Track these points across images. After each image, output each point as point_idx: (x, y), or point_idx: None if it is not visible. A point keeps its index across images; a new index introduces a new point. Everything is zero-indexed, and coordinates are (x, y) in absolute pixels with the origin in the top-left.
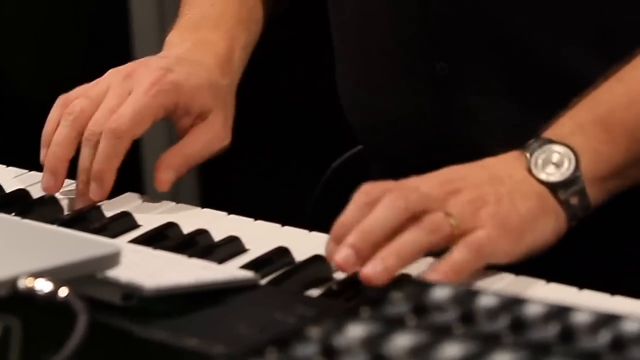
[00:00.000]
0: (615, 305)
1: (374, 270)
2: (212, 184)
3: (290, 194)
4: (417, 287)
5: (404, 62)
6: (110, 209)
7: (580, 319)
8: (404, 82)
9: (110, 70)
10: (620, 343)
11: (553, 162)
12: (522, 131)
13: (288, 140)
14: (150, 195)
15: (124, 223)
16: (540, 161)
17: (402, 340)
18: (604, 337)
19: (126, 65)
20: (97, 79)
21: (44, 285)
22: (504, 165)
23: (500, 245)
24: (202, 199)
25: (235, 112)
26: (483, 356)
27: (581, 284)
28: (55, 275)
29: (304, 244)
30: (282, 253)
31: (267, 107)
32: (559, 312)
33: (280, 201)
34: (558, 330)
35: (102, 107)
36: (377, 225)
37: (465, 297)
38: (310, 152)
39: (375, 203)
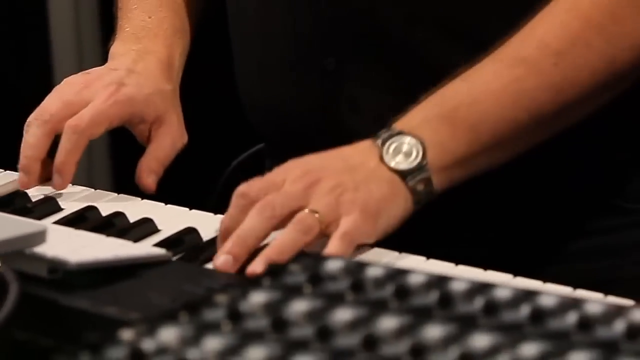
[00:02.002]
0: (489, 277)
1: (258, 268)
2: (125, 174)
3: (196, 187)
4: (313, 259)
5: (296, 57)
6: (36, 194)
7: (456, 287)
8: (296, 76)
9: (66, 80)
10: (494, 308)
11: (403, 151)
12: None
13: (196, 138)
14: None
15: (48, 207)
16: (391, 150)
17: (299, 306)
18: (478, 303)
19: (80, 75)
20: (55, 88)
21: None
22: (358, 155)
23: (363, 228)
24: (116, 187)
25: None
26: (371, 320)
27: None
28: None
29: (210, 225)
30: (190, 233)
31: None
32: (438, 281)
33: (187, 193)
34: (437, 297)
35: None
36: (250, 233)
37: (355, 268)
38: (213, 150)
39: (250, 205)
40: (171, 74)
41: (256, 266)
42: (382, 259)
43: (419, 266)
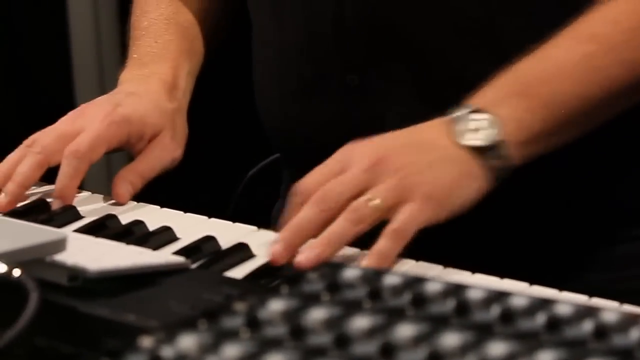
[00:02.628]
0: (505, 286)
1: (307, 257)
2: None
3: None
4: (331, 267)
5: (318, 73)
6: (57, 202)
7: (473, 295)
8: (317, 92)
9: (64, 117)
10: (510, 316)
11: (478, 128)
12: None
13: (215, 148)
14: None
15: (69, 215)
16: (463, 127)
17: (317, 314)
18: (495, 311)
19: (80, 106)
20: (54, 124)
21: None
22: (428, 132)
23: (424, 215)
24: (135, 196)
25: None
26: (389, 327)
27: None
28: (10, 258)
29: (229, 233)
30: (209, 241)
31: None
32: (455, 290)
33: (206, 202)
34: (454, 305)
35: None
36: (304, 224)
37: (373, 276)
38: (230, 160)
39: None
40: (175, 93)
41: (301, 257)
42: (399, 267)
43: (436, 274)
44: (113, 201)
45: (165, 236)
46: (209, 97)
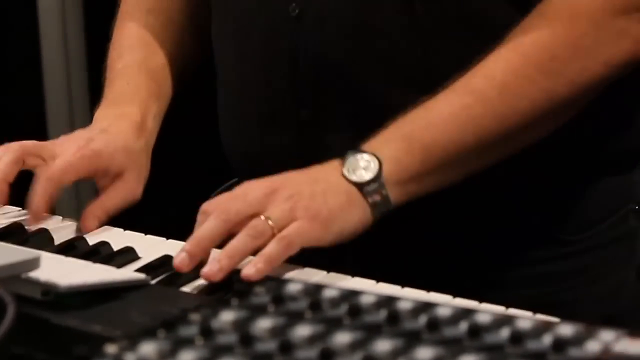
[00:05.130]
0: (431, 298)
1: (211, 269)
2: None
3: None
4: (276, 282)
5: (274, 108)
6: (31, 219)
7: (403, 306)
8: (273, 125)
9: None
10: (436, 324)
11: (361, 166)
12: None
13: (179, 172)
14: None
15: (42, 237)
16: (352, 165)
17: (264, 323)
18: (422, 320)
19: (57, 139)
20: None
21: None
22: (322, 170)
23: (311, 233)
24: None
25: None
26: (328, 335)
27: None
28: None
29: None
30: (167, 260)
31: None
32: (387, 301)
33: (166, 224)
34: (386, 315)
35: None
36: (205, 234)
37: (313, 290)
38: (194, 183)
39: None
40: (143, 133)
41: (206, 269)
42: (337, 282)
43: (370, 288)
44: (79, 225)
45: (127, 255)
46: (179, 126)
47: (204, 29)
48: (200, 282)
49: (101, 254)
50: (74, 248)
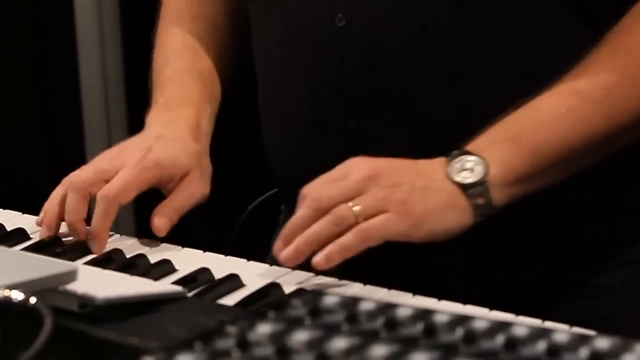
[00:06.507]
0: (467, 310)
1: (287, 253)
2: (147, 222)
3: (212, 230)
4: (313, 295)
5: (319, 119)
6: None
7: (439, 319)
8: (319, 135)
9: (101, 155)
10: (472, 337)
11: (467, 168)
12: None
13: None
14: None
15: (79, 249)
16: (457, 166)
17: (300, 336)
18: (459, 333)
19: (115, 147)
20: (91, 161)
21: (17, 295)
22: (428, 165)
23: (396, 228)
24: (138, 233)
25: None
26: (364, 348)
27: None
28: (26, 287)
29: (221, 265)
30: (203, 272)
31: None
32: (423, 314)
33: (204, 237)
34: (422, 328)
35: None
36: (297, 223)
37: (350, 303)
38: (232, 193)
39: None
40: (199, 136)
41: (283, 253)
42: (374, 294)
43: (406, 301)
44: (118, 237)
45: (164, 268)
46: (220, 134)
47: (244, 36)
48: (237, 294)
49: (138, 266)
50: (111, 260)
